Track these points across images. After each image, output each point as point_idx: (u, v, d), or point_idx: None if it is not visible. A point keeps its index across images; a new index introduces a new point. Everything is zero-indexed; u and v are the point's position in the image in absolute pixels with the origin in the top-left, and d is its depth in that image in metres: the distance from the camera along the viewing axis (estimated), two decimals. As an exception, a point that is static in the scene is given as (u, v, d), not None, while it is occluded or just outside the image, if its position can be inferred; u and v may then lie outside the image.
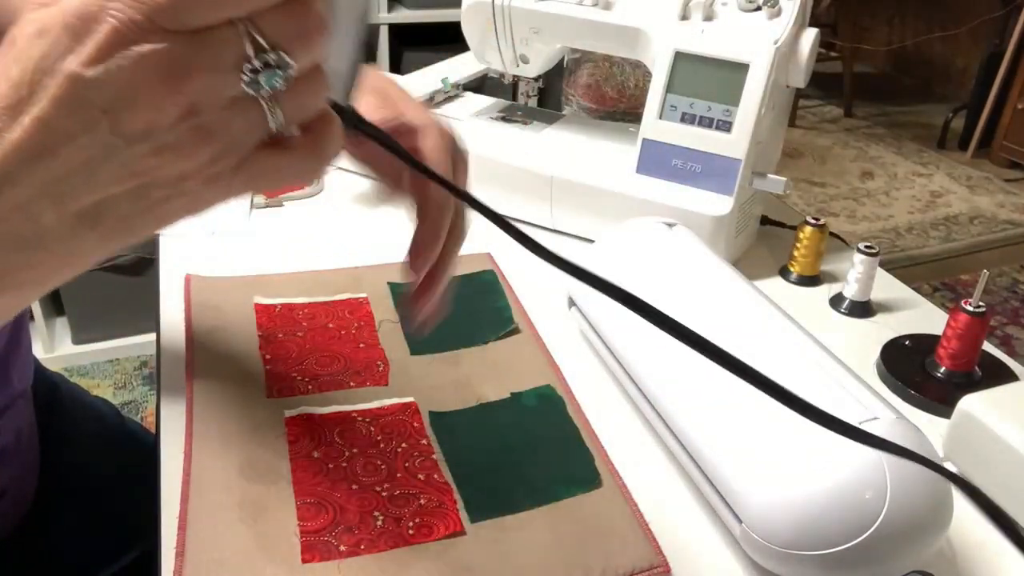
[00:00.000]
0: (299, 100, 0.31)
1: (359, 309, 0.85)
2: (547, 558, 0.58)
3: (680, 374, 0.64)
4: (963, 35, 3.91)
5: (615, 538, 0.60)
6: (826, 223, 0.93)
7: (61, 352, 1.97)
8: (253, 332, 0.80)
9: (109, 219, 0.31)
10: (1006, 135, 3.36)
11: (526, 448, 0.68)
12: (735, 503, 0.57)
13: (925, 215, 3.04)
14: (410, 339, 0.81)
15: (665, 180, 0.94)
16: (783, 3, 0.88)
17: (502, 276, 0.93)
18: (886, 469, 0.52)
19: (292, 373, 0.75)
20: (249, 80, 0.29)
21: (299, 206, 1.09)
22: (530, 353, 0.80)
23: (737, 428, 0.58)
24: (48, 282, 0.33)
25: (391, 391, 0.74)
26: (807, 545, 0.52)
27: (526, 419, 0.71)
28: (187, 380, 0.73)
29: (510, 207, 1.06)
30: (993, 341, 0.82)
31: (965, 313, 0.75)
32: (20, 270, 0.31)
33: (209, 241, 0.99)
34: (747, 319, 0.65)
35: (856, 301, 0.90)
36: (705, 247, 0.77)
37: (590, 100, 1.23)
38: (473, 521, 0.61)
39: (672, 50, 0.90)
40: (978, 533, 0.63)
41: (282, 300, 0.85)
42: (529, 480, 0.65)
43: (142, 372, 1.98)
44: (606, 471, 0.66)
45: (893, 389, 0.79)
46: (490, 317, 0.85)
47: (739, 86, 0.87)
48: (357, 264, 0.93)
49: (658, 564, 0.58)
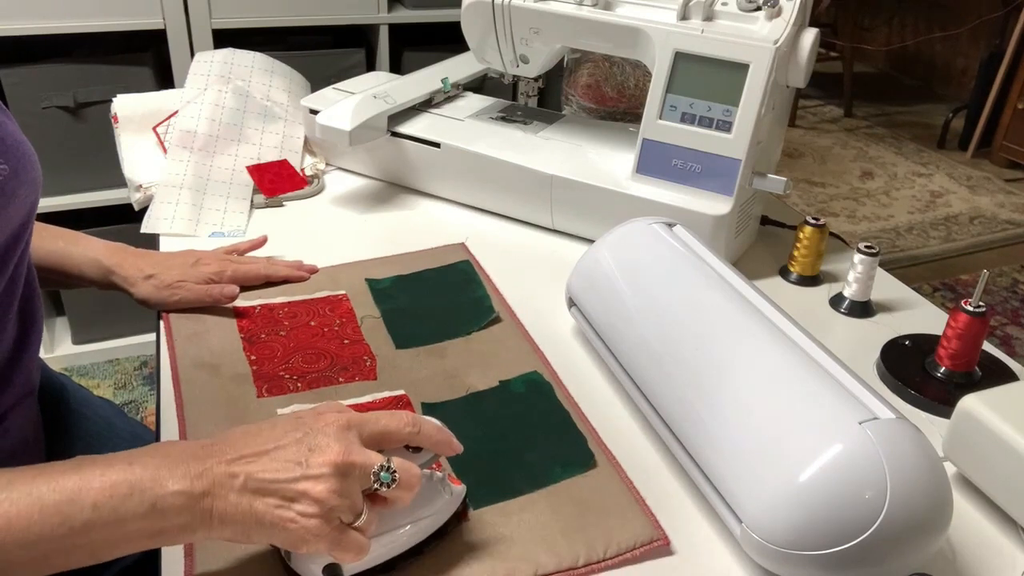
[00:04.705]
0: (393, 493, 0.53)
1: (339, 306, 0.86)
2: (550, 539, 0.59)
3: (682, 377, 0.64)
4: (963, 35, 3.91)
5: (615, 516, 0.61)
6: (826, 223, 0.93)
7: (61, 352, 1.97)
8: (235, 334, 0.81)
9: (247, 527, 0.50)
10: (1006, 135, 3.36)
11: (520, 434, 0.69)
12: (735, 503, 0.57)
13: (925, 215, 3.04)
14: (394, 333, 0.82)
15: (665, 180, 0.94)
16: (783, 3, 0.88)
17: (478, 265, 0.94)
18: (886, 469, 0.52)
19: (279, 372, 0.76)
20: (374, 479, 0.52)
21: (299, 206, 1.09)
22: (514, 341, 0.81)
23: (737, 429, 0.58)
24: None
25: (381, 385, 0.75)
26: (807, 545, 0.52)
27: (517, 405, 0.73)
28: (174, 385, 0.74)
29: (510, 207, 1.06)
30: (993, 341, 0.82)
31: (965, 313, 0.75)
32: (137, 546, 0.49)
33: (209, 241, 0.99)
34: (747, 319, 0.65)
35: (856, 301, 0.90)
36: (705, 247, 0.77)
37: (590, 100, 1.23)
38: (475, 508, 0.62)
39: (672, 50, 0.90)
40: (978, 533, 0.63)
41: (261, 301, 0.86)
42: (526, 465, 0.66)
43: (142, 372, 1.98)
44: (600, 452, 0.67)
45: (893, 389, 0.79)
46: (471, 308, 0.86)
47: (739, 86, 0.87)
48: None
49: (658, 537, 0.60)
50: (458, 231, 1.03)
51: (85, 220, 1.78)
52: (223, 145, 1.09)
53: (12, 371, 0.67)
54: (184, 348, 0.78)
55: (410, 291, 0.89)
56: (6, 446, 0.66)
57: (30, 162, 0.62)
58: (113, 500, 0.47)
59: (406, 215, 1.07)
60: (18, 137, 0.61)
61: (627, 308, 0.72)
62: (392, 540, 0.55)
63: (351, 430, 0.52)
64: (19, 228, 0.62)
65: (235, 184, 1.06)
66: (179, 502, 0.48)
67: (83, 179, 1.77)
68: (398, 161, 1.11)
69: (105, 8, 1.60)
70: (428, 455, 0.56)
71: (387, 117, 1.08)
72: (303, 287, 0.89)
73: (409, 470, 0.53)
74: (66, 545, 0.47)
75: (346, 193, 1.13)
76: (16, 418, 0.68)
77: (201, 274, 0.84)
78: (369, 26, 1.88)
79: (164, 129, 1.08)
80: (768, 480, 0.55)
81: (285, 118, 1.15)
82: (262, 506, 0.49)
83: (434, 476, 0.58)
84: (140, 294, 0.82)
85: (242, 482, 0.49)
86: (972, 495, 0.67)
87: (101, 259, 0.82)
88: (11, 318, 0.65)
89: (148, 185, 1.05)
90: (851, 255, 0.90)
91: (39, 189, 0.65)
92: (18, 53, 1.62)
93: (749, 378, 0.60)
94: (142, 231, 0.99)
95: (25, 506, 0.46)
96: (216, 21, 1.68)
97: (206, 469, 0.49)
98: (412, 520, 0.56)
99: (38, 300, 0.70)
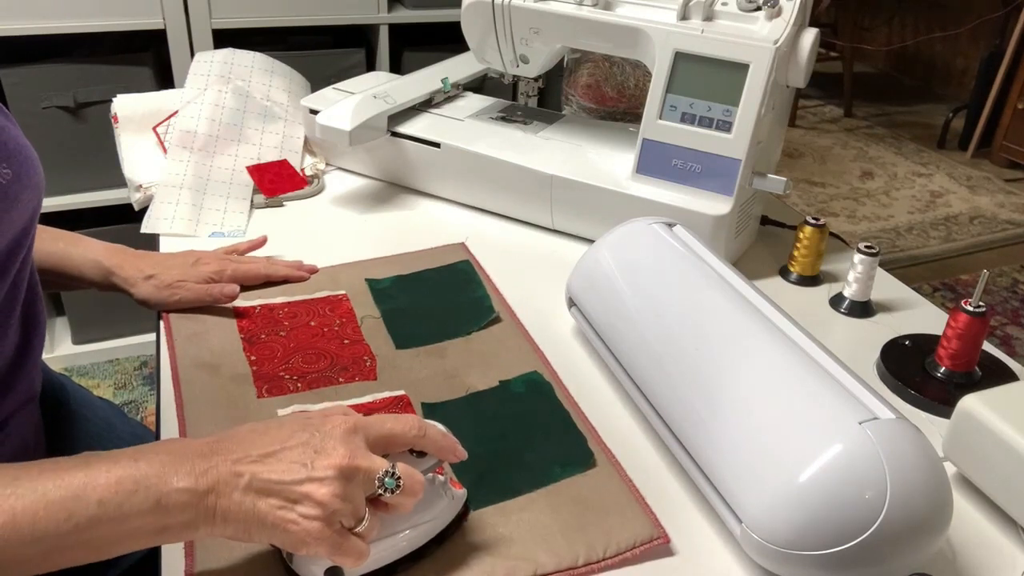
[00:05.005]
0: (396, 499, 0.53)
1: (339, 306, 0.86)
2: (550, 539, 0.59)
3: (682, 377, 0.64)
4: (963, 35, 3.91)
5: (614, 514, 0.61)
6: (826, 223, 0.93)
7: (61, 352, 1.97)
8: (235, 334, 0.81)
9: (248, 524, 0.50)
10: (1006, 135, 3.35)
11: (520, 434, 0.69)
12: (735, 503, 0.57)
13: (925, 215, 3.04)
14: (394, 333, 0.82)
15: (665, 180, 0.94)
16: (783, 3, 0.88)
17: (478, 265, 0.94)
18: (886, 469, 0.52)
19: (279, 372, 0.76)
20: (378, 484, 0.52)
21: (299, 206, 1.09)
22: (514, 341, 0.81)
23: (737, 429, 0.58)
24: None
25: (381, 385, 0.75)
26: (807, 545, 0.52)
27: (517, 405, 0.73)
28: (174, 385, 0.74)
29: (510, 207, 1.06)
30: (993, 341, 0.82)
31: (965, 313, 0.75)
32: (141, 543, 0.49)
33: (209, 242, 0.99)
34: (747, 319, 0.65)
35: (856, 301, 0.90)
36: (705, 247, 0.77)
37: (590, 100, 1.23)
38: (475, 508, 0.62)
39: (672, 50, 0.90)
40: (978, 533, 0.63)
41: (260, 301, 0.86)
42: (526, 464, 0.66)
43: (142, 372, 1.98)
44: (599, 451, 0.67)
45: (893, 389, 0.79)
46: (471, 307, 0.86)
47: (739, 86, 0.87)
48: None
49: (658, 536, 0.60)
50: (458, 231, 1.03)
51: (85, 220, 1.78)
52: (223, 145, 1.09)
53: (14, 377, 0.67)
54: (184, 348, 0.78)
55: (410, 291, 0.89)
56: (6, 451, 0.66)
57: (32, 166, 0.62)
58: (118, 497, 0.48)
59: (406, 215, 1.07)
60: (20, 141, 0.61)
61: (627, 308, 0.72)
62: (393, 544, 0.55)
63: (357, 433, 0.52)
64: (21, 233, 0.62)
65: (235, 184, 1.06)
66: (183, 499, 0.48)
67: (83, 179, 1.77)
68: (398, 161, 1.11)
69: (105, 8, 1.60)
70: (432, 460, 0.56)
71: (387, 117, 1.08)
72: (303, 287, 0.89)
73: (413, 476, 0.53)
74: (71, 541, 0.47)
75: (346, 193, 1.12)
76: (17, 423, 0.68)
77: (201, 273, 0.84)
78: (369, 26, 1.88)
79: (164, 129, 1.08)
80: (768, 480, 0.55)
81: (285, 118, 1.15)
82: (265, 506, 0.49)
83: (436, 480, 0.58)
84: (140, 294, 0.82)
85: (247, 481, 0.49)
86: (972, 495, 0.67)
87: (101, 260, 0.82)
88: (13, 323, 0.65)
89: (148, 185, 1.05)
90: (851, 255, 0.90)
91: (42, 193, 0.65)
92: (18, 53, 1.62)
93: (749, 378, 0.60)
94: (142, 231, 0.99)
95: (30, 502, 0.47)
96: (216, 21, 1.68)
97: (211, 467, 0.49)
98: (413, 524, 0.56)
99: (41, 304, 0.70)
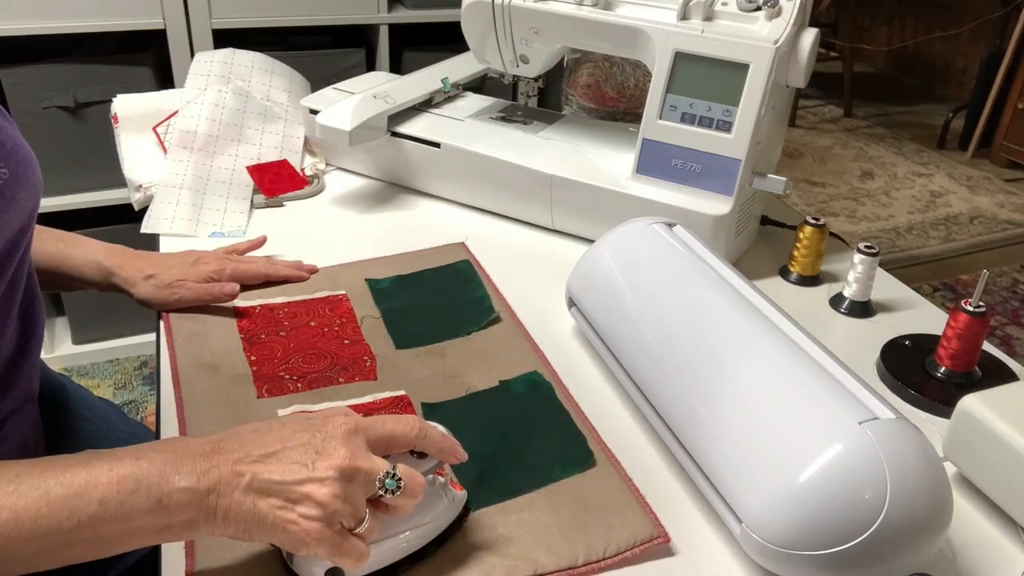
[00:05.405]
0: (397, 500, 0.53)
1: (339, 306, 0.86)
2: (550, 538, 0.59)
3: (682, 376, 0.64)
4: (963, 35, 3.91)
5: (614, 514, 0.61)
6: (826, 223, 0.93)
7: (61, 352, 1.97)
8: (235, 334, 0.81)
9: (249, 525, 0.50)
10: (1006, 135, 3.35)
11: (520, 433, 0.69)
12: (735, 503, 0.57)
13: (925, 215, 3.04)
14: (394, 333, 0.82)
15: (665, 180, 0.94)
16: (783, 3, 0.88)
17: (478, 265, 0.94)
18: (886, 469, 0.52)
19: (279, 372, 0.76)
20: (379, 486, 0.52)
21: (299, 206, 1.09)
22: (514, 341, 0.81)
23: (737, 429, 0.58)
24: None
25: (381, 385, 0.75)
26: (807, 545, 0.52)
27: (517, 405, 0.73)
28: (174, 385, 0.74)
29: (510, 207, 1.06)
30: (993, 341, 0.82)
31: (965, 313, 0.75)
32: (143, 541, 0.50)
33: (209, 242, 0.99)
34: (747, 319, 0.65)
35: (856, 301, 0.90)
36: (705, 247, 0.77)
37: (590, 100, 1.23)
38: (475, 508, 0.62)
39: (672, 50, 0.90)
40: (978, 533, 0.63)
41: (260, 301, 0.86)
42: (526, 464, 0.66)
43: (142, 372, 1.98)
44: (599, 451, 0.67)
45: (893, 389, 0.79)
46: (471, 307, 0.86)
47: (739, 86, 0.87)
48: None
49: (658, 535, 0.60)
50: (458, 231, 1.03)
51: (85, 220, 1.78)
52: (223, 145, 1.09)
53: (12, 377, 0.67)
54: (184, 348, 0.78)
55: (410, 291, 0.89)
56: (5, 452, 0.66)
57: (30, 166, 0.62)
58: (120, 495, 0.48)
59: (406, 215, 1.07)
60: (18, 141, 0.61)
61: (627, 308, 0.72)
62: (393, 545, 0.55)
63: (358, 434, 0.52)
64: (19, 233, 0.62)
65: (235, 184, 1.06)
66: (184, 498, 0.48)
67: (83, 179, 1.77)
68: (398, 161, 1.11)
69: (105, 8, 1.60)
70: (432, 461, 0.56)
71: (387, 117, 1.08)
72: (303, 287, 0.89)
73: (414, 478, 0.53)
74: (72, 539, 0.47)
75: (346, 193, 1.12)
76: (16, 424, 0.68)
77: (201, 273, 0.84)
78: (369, 26, 1.88)
79: (164, 129, 1.08)
80: (768, 480, 0.55)
81: (285, 118, 1.15)
82: (265, 506, 0.49)
83: (437, 482, 0.58)
84: (140, 294, 0.82)
85: (248, 481, 0.49)
86: (972, 495, 0.67)
87: (101, 260, 0.82)
88: (11, 324, 0.65)
89: (148, 185, 1.05)
90: (851, 255, 0.90)
91: (39, 193, 0.64)
92: (18, 53, 1.62)
93: (749, 378, 0.60)
94: (142, 231, 0.99)
95: (32, 499, 0.47)
96: (216, 21, 1.68)
97: (212, 466, 0.49)
98: (413, 526, 0.56)
99: (39, 305, 0.70)
